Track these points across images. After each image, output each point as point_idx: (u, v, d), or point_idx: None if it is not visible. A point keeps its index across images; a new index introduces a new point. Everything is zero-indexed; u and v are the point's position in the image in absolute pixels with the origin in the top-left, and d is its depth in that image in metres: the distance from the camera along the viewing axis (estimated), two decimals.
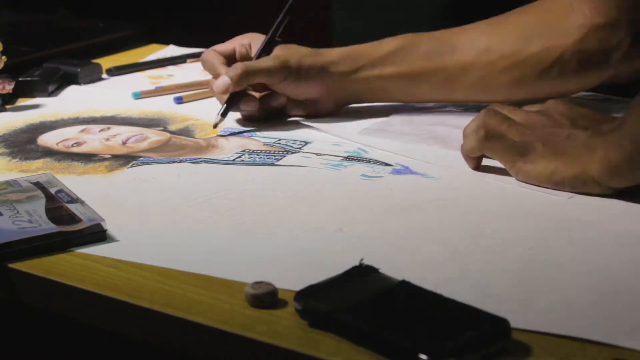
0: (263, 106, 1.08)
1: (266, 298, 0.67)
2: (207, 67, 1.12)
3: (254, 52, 1.11)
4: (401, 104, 1.12)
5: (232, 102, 1.07)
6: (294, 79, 1.05)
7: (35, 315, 0.82)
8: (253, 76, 1.05)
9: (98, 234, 0.79)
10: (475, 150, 0.91)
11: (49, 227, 0.78)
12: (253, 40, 1.12)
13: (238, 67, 1.05)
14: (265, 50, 1.09)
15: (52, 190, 0.86)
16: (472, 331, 0.60)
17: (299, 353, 0.62)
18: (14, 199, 0.84)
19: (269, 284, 0.68)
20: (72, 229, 0.78)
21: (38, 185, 0.87)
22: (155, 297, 0.70)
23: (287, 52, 1.07)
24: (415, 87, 1.07)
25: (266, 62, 1.06)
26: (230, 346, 0.65)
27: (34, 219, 0.79)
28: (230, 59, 1.11)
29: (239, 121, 1.10)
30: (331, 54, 1.07)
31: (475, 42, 1.04)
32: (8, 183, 0.88)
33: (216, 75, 1.08)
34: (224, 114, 1.07)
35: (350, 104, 1.12)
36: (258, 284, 0.68)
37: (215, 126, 1.06)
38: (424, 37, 1.07)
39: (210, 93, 1.26)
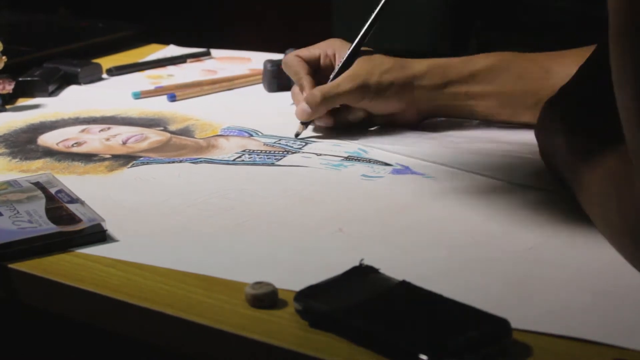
0: (339, 120, 1.06)
1: (266, 298, 0.67)
2: (290, 72, 1.08)
3: (337, 63, 1.07)
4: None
5: (306, 124, 1.06)
6: (374, 96, 1.03)
7: (35, 315, 0.82)
8: (332, 102, 1.03)
9: (98, 234, 0.79)
10: None
11: (49, 227, 0.78)
12: (338, 50, 1.08)
13: (317, 95, 1.02)
14: (349, 62, 1.05)
15: (52, 191, 0.86)
16: (472, 331, 0.60)
17: (298, 353, 0.62)
18: (14, 199, 0.84)
19: (269, 284, 0.68)
20: (72, 229, 0.78)
21: (38, 185, 0.87)
22: (155, 297, 0.69)
23: (367, 68, 1.03)
24: (503, 108, 1.04)
25: (344, 84, 1.02)
26: (230, 346, 0.65)
27: (34, 219, 0.79)
28: (314, 67, 1.08)
29: (316, 129, 1.07)
30: (417, 66, 1.04)
31: (571, 68, 0.97)
32: (8, 183, 0.88)
33: (297, 80, 1.06)
34: (304, 123, 1.06)
35: (433, 117, 1.08)
36: (258, 284, 0.68)
37: (297, 135, 1.05)
38: (518, 58, 1.04)
39: (203, 91, 1.27)
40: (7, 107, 1.21)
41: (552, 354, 0.61)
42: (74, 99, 1.26)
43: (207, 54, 1.49)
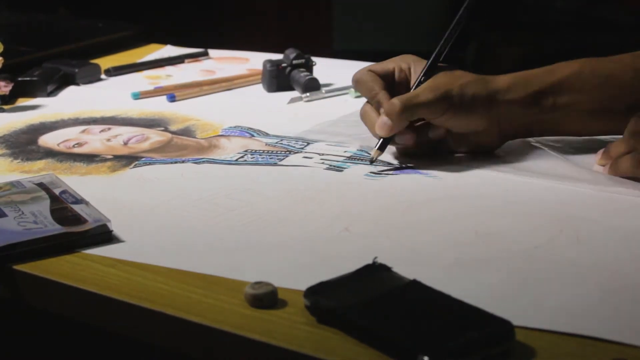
0: (419, 139, 0.96)
1: (266, 298, 0.67)
2: (363, 89, 0.99)
3: (413, 79, 0.99)
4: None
5: (386, 141, 0.96)
6: (456, 110, 0.94)
7: (35, 315, 0.82)
8: (413, 112, 0.93)
9: (104, 235, 0.79)
10: (629, 173, 0.88)
11: (55, 228, 0.78)
12: (413, 64, 1.00)
13: (396, 104, 0.93)
14: (426, 77, 0.97)
15: (57, 191, 0.86)
16: (474, 332, 0.60)
17: (298, 353, 0.62)
18: (18, 200, 0.84)
19: (268, 284, 0.68)
20: (78, 230, 0.78)
21: (42, 186, 0.87)
22: (155, 297, 0.69)
23: (448, 81, 0.95)
24: (594, 118, 0.96)
25: (425, 94, 0.93)
26: (230, 346, 0.65)
27: (39, 220, 0.79)
28: (388, 82, 0.99)
29: (393, 154, 0.98)
30: (499, 81, 0.96)
31: None
32: (11, 184, 0.88)
33: (373, 97, 0.97)
34: (381, 148, 0.95)
35: (517, 137, 0.99)
36: (258, 284, 0.68)
37: (372, 161, 0.96)
38: (601, 61, 0.97)
39: (203, 91, 1.27)
40: (6, 107, 1.20)
41: (554, 355, 0.61)
42: (73, 100, 1.26)
43: (205, 54, 1.49)
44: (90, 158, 1.01)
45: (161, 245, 0.79)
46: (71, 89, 1.31)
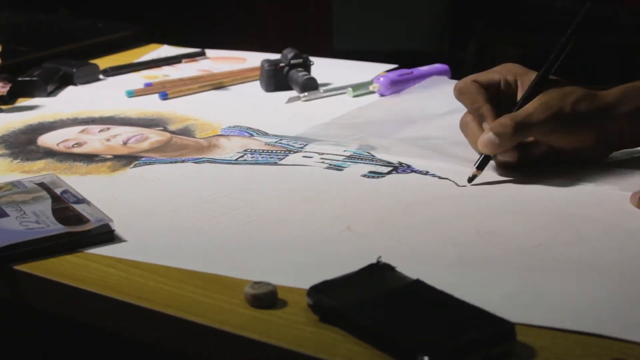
0: (523, 155, 0.91)
1: (266, 298, 0.67)
2: (466, 100, 0.94)
3: (520, 92, 0.94)
4: None
5: (488, 157, 0.91)
6: (567, 130, 0.90)
7: (35, 315, 0.82)
8: (525, 132, 0.90)
9: (106, 234, 0.79)
10: None
11: (57, 227, 0.78)
12: (519, 76, 0.95)
13: (508, 125, 0.88)
14: (536, 90, 0.92)
15: (58, 191, 0.85)
16: (475, 333, 0.60)
17: (298, 353, 0.62)
18: (20, 200, 0.84)
19: (268, 284, 0.68)
20: (81, 230, 0.78)
21: (43, 186, 0.87)
22: (155, 297, 0.69)
23: (559, 96, 0.90)
24: None
25: (537, 114, 0.89)
26: (230, 346, 0.65)
27: (41, 220, 0.79)
28: (492, 94, 0.94)
29: (496, 169, 0.93)
30: (609, 95, 0.91)
31: None
32: (12, 184, 0.88)
33: (476, 109, 0.93)
34: (480, 167, 0.91)
35: (625, 148, 0.96)
36: (258, 284, 0.68)
37: (470, 180, 0.90)
38: None
39: (195, 89, 1.27)
40: (4, 107, 1.20)
41: (555, 355, 0.61)
42: (72, 100, 1.26)
43: (202, 54, 1.49)
44: (90, 158, 1.01)
45: (161, 245, 0.79)
46: (70, 89, 1.31)
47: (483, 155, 0.91)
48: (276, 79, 1.26)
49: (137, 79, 1.36)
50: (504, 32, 3.41)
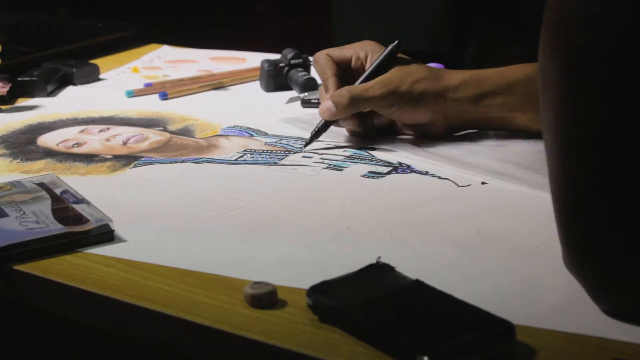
0: (364, 125, 1.01)
1: (265, 298, 0.67)
2: (318, 70, 1.04)
3: (368, 66, 1.02)
4: None
5: (327, 124, 1.01)
6: (403, 105, 0.98)
7: (35, 315, 0.82)
8: (360, 105, 0.98)
9: (106, 234, 0.79)
10: None
11: (57, 227, 0.78)
12: (371, 53, 1.03)
13: (344, 96, 0.98)
14: (381, 67, 1.00)
15: (57, 191, 0.85)
16: (474, 333, 0.60)
17: (298, 353, 0.62)
18: (20, 200, 0.84)
19: (268, 284, 0.68)
20: (80, 230, 0.78)
21: (42, 186, 0.87)
22: (155, 297, 0.69)
23: (400, 75, 0.98)
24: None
25: (374, 89, 0.98)
26: (230, 346, 0.65)
27: (41, 220, 0.79)
28: (343, 68, 1.03)
29: (346, 137, 1.04)
30: (451, 78, 0.99)
31: None
32: (12, 184, 0.88)
33: (324, 81, 1.02)
34: (318, 133, 1.01)
35: (465, 130, 1.03)
36: (257, 284, 0.68)
37: (305, 146, 1.01)
38: None
39: (195, 89, 1.27)
40: (4, 108, 1.20)
41: (554, 355, 0.61)
42: (71, 100, 1.25)
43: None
44: (89, 158, 1.01)
45: (161, 245, 0.79)
46: (69, 89, 1.31)
47: (322, 122, 1.00)
48: (276, 79, 1.26)
49: (137, 79, 1.36)
50: (504, 32, 3.41)
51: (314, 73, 1.26)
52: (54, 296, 0.74)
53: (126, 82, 1.33)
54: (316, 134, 1.01)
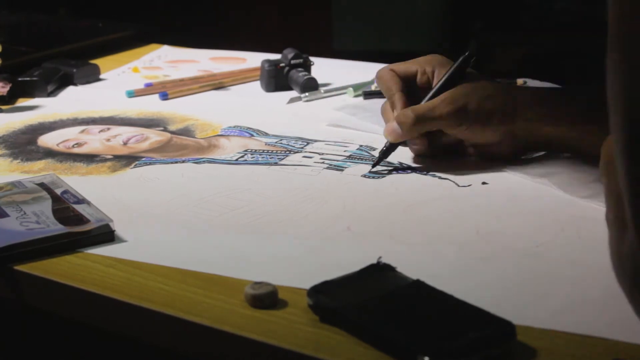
0: (432, 144, 0.95)
1: (266, 298, 0.67)
2: (382, 87, 0.98)
3: (435, 81, 0.96)
4: None
5: (394, 145, 0.95)
6: (471, 124, 0.92)
7: (35, 315, 0.82)
8: (425, 125, 0.93)
9: (106, 235, 0.79)
10: None
11: (58, 228, 0.78)
12: (437, 68, 0.97)
13: (409, 116, 0.92)
14: (448, 84, 0.94)
15: (58, 191, 0.85)
16: (475, 333, 0.60)
17: (298, 353, 0.62)
18: (20, 200, 0.84)
19: (268, 284, 0.68)
20: (81, 230, 0.78)
21: (43, 186, 0.87)
22: (155, 297, 0.69)
23: (467, 91, 0.92)
24: None
25: (440, 108, 0.92)
26: (230, 346, 0.65)
27: (41, 220, 0.79)
28: (409, 83, 0.97)
29: (412, 158, 0.97)
30: (523, 96, 0.93)
31: None
32: (12, 184, 0.88)
33: (389, 98, 0.97)
34: (385, 154, 0.95)
35: (537, 152, 0.96)
36: (258, 284, 0.68)
37: (372, 167, 0.95)
38: None
39: (195, 89, 1.27)
40: (4, 108, 1.20)
41: (554, 355, 0.61)
42: (72, 100, 1.25)
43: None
44: (90, 158, 1.01)
45: (161, 245, 0.79)
46: (69, 89, 1.31)
47: (388, 143, 0.95)
48: (276, 79, 1.26)
49: (137, 80, 1.36)
50: (504, 32, 3.41)
51: (314, 73, 1.26)
52: (54, 296, 0.74)
53: (126, 82, 1.33)
54: (384, 155, 0.95)
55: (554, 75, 0.96)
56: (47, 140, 1.08)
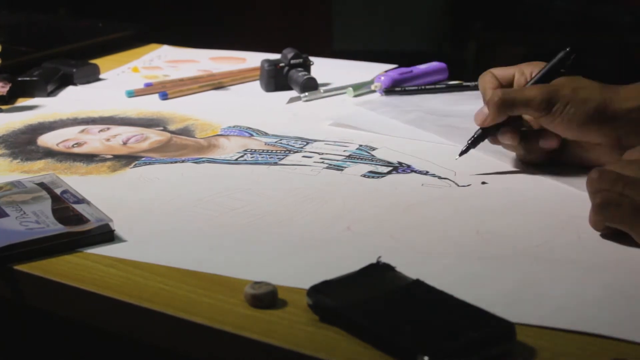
0: (528, 146, 0.90)
1: (266, 298, 0.67)
2: (481, 88, 0.94)
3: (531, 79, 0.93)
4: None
5: (487, 132, 0.92)
6: (563, 113, 0.85)
7: (34, 315, 0.82)
8: (512, 106, 0.87)
9: (106, 234, 0.79)
10: (599, 224, 0.76)
11: (57, 227, 0.78)
12: (536, 69, 0.92)
13: (496, 94, 0.88)
14: (544, 78, 0.90)
15: (58, 191, 0.85)
16: (475, 333, 0.60)
17: (298, 353, 0.62)
18: (20, 200, 0.84)
19: (268, 284, 0.68)
20: (81, 230, 0.78)
21: (43, 186, 0.87)
22: (155, 297, 0.69)
23: (561, 81, 0.87)
24: None
25: (530, 90, 0.87)
26: (230, 346, 0.65)
27: (41, 220, 0.79)
28: (506, 85, 0.93)
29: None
30: (622, 89, 0.85)
31: None
32: (12, 184, 0.88)
33: (485, 95, 0.93)
34: (471, 145, 0.92)
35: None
36: (258, 284, 0.68)
37: (460, 154, 0.92)
38: None
39: (195, 89, 1.27)
40: (4, 107, 1.20)
41: (554, 355, 0.61)
42: (71, 100, 1.25)
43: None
44: (89, 158, 1.01)
45: (161, 245, 0.78)
46: (69, 89, 1.31)
47: (479, 130, 0.91)
48: (276, 79, 1.26)
49: (137, 79, 1.36)
50: (504, 32, 3.41)
51: (314, 73, 1.26)
52: (54, 296, 0.74)
53: (126, 82, 1.33)
54: (473, 143, 0.92)
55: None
56: (47, 140, 1.08)
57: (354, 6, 3.67)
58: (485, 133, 0.92)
